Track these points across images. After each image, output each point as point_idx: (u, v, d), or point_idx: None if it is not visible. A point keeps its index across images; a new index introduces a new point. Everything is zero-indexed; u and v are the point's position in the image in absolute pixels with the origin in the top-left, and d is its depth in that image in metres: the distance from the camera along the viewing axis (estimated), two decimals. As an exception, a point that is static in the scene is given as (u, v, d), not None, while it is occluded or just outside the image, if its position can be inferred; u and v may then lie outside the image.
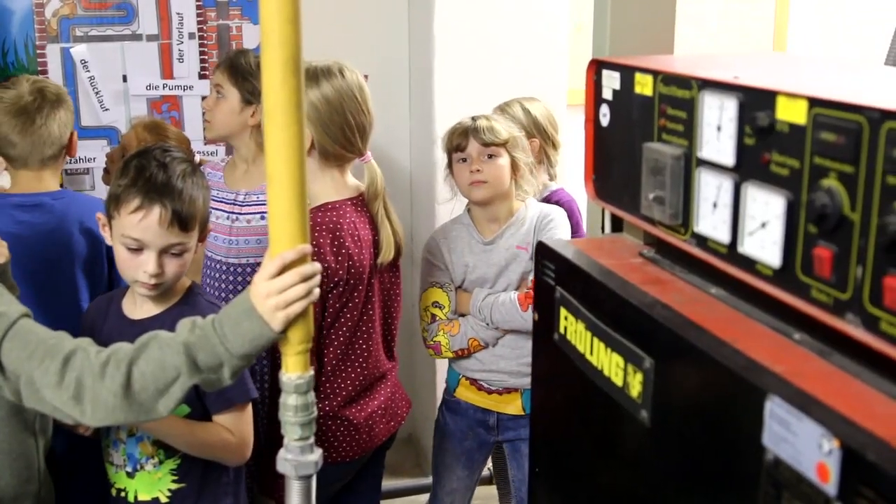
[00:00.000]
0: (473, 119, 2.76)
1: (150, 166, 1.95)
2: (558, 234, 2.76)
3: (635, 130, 1.47)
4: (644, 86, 1.44)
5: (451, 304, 2.77)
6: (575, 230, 2.93)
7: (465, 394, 2.86)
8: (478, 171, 2.70)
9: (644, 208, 1.44)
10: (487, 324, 2.73)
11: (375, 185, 2.30)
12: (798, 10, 5.31)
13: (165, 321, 2.01)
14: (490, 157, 2.71)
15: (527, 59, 3.51)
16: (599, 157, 1.62)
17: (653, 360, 1.31)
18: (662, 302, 1.35)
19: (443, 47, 3.41)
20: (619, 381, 1.39)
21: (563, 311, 1.58)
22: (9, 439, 1.73)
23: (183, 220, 1.99)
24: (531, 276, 2.72)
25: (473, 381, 2.83)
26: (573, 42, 3.82)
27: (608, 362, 1.42)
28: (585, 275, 1.51)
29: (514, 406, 2.82)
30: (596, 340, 1.46)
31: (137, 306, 2.09)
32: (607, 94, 1.56)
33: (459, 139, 2.72)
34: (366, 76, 3.56)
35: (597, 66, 1.60)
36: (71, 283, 2.46)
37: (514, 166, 2.75)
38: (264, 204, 2.64)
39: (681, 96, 1.34)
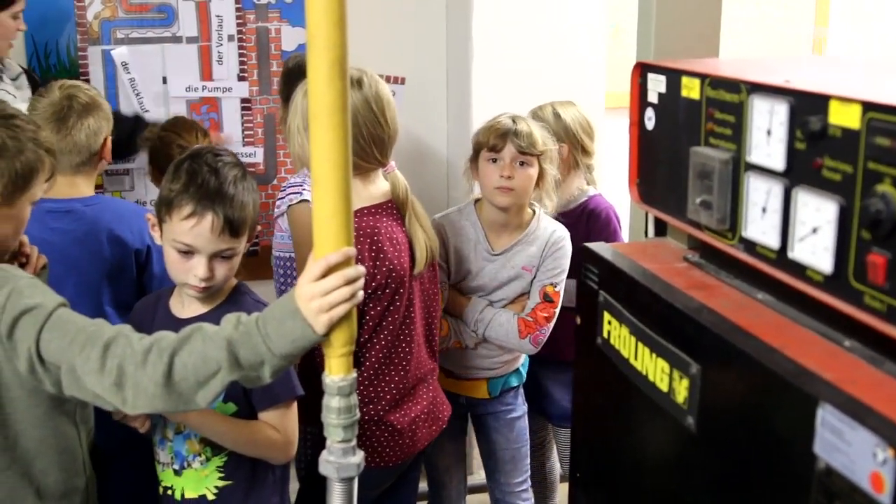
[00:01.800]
0: (514, 121, 2.70)
1: (202, 171, 1.97)
2: (564, 261, 2.74)
3: (681, 134, 1.46)
4: (691, 89, 1.43)
5: (443, 302, 2.72)
6: (612, 238, 2.91)
7: None
8: (509, 177, 2.67)
9: (690, 213, 1.43)
10: (478, 335, 2.73)
11: (398, 195, 2.29)
12: (837, 17, 5.27)
13: (212, 320, 2.02)
14: (522, 164, 2.68)
15: (564, 63, 3.50)
16: (644, 161, 1.61)
17: (699, 366, 1.30)
18: (709, 307, 1.34)
19: (481, 51, 3.41)
20: (664, 387, 1.38)
21: (606, 315, 1.57)
22: (53, 433, 1.74)
23: (234, 227, 2.00)
24: (531, 304, 2.71)
25: (443, 370, 2.78)
26: (610, 45, 3.81)
27: (653, 367, 1.41)
28: (630, 279, 1.51)
29: (480, 391, 2.85)
30: (640, 345, 1.45)
31: (185, 305, 2.10)
32: (652, 97, 1.55)
33: (496, 140, 2.68)
34: (402, 79, 3.58)
35: (642, 70, 1.59)
36: (95, 291, 2.47)
37: (540, 176, 2.73)
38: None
39: (729, 100, 1.33)
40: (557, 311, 2.71)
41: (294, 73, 2.81)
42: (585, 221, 2.94)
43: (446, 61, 3.66)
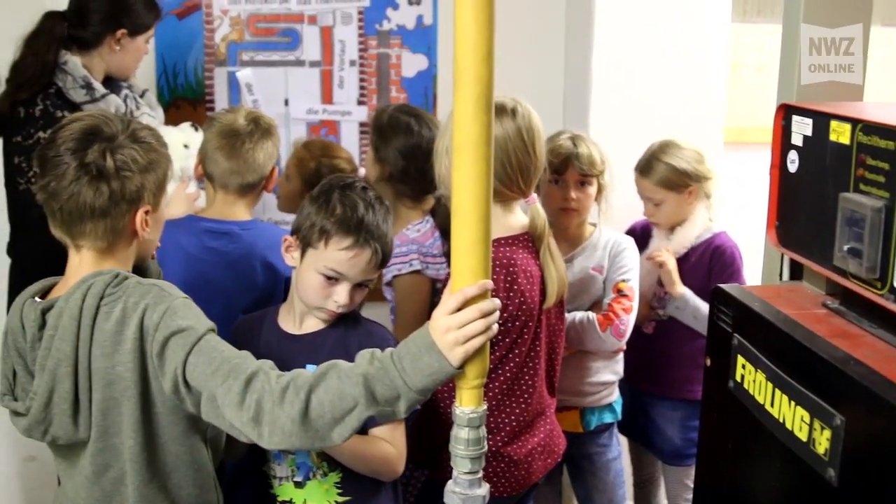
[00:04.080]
0: (574, 143, 2.75)
1: (360, 206, 2.03)
2: (630, 261, 2.74)
3: (828, 179, 1.44)
4: (840, 134, 1.41)
5: None
6: (733, 278, 2.86)
7: None
8: (573, 199, 2.71)
9: (837, 259, 1.40)
10: None
11: (536, 227, 2.29)
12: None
13: (329, 336, 2.08)
14: (582, 184, 2.73)
15: (683, 97, 3.46)
16: (785, 204, 1.59)
17: (844, 418, 1.27)
18: (855, 357, 1.31)
19: (599, 83, 3.39)
20: (803, 436, 1.36)
21: (740, 359, 1.54)
22: (189, 450, 1.78)
23: (384, 260, 2.09)
24: (606, 300, 2.70)
25: None
26: (730, 80, 3.76)
27: (791, 415, 1.39)
28: (767, 323, 1.48)
29: (572, 423, 2.79)
30: (778, 392, 1.42)
31: (298, 323, 2.13)
32: (797, 139, 1.53)
33: (559, 164, 2.72)
34: (518, 109, 3.59)
35: (786, 111, 1.57)
36: (239, 315, 2.48)
37: (598, 191, 2.76)
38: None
39: (884, 146, 1.30)
40: (635, 305, 2.69)
41: (386, 130, 2.77)
42: (709, 258, 2.88)
43: (563, 92, 3.65)
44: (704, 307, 2.80)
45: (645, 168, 2.91)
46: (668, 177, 2.86)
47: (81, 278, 1.68)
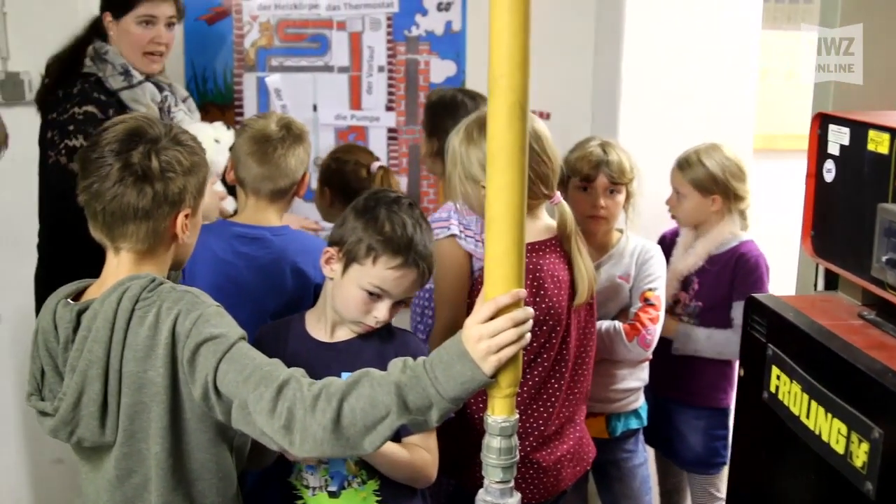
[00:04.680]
0: (604, 150, 2.74)
1: (408, 224, 2.01)
2: (657, 269, 2.73)
3: (866, 189, 1.43)
4: (879, 143, 1.40)
5: None
6: (758, 285, 2.84)
7: None
8: (602, 207, 2.71)
9: (874, 270, 1.39)
10: None
11: (566, 224, 2.29)
12: None
13: (365, 346, 2.07)
14: (612, 192, 2.73)
15: (712, 103, 3.44)
16: (820, 214, 1.58)
17: (882, 431, 1.25)
18: (893, 370, 1.29)
19: (629, 88, 3.38)
20: (839, 449, 1.34)
21: (774, 370, 1.53)
22: (215, 458, 1.77)
23: (428, 279, 2.08)
24: (633, 309, 2.69)
25: None
26: (759, 86, 3.73)
27: (827, 427, 1.37)
28: (803, 334, 1.47)
29: (598, 429, 2.78)
30: (814, 403, 1.41)
31: (329, 331, 2.12)
32: (833, 149, 1.52)
33: (589, 171, 2.72)
34: (548, 114, 3.58)
35: (822, 120, 1.56)
36: (268, 320, 2.48)
37: (626, 198, 2.75)
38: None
39: (924, 157, 1.29)
40: (661, 315, 2.68)
41: (438, 108, 2.82)
42: (733, 266, 2.86)
43: (592, 97, 3.64)
44: (704, 330, 2.85)
45: (683, 160, 2.93)
46: (697, 176, 2.87)
47: (118, 281, 1.68)
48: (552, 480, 2.28)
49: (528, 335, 1.51)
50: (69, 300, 1.74)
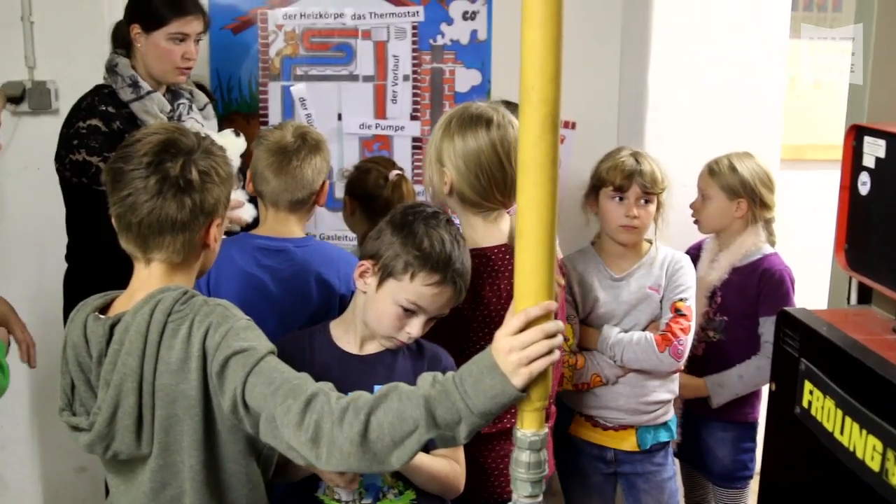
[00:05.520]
0: (637, 160, 2.73)
1: (447, 241, 1.99)
2: (687, 279, 2.74)
3: (902, 202, 1.41)
4: (915, 156, 1.38)
5: (575, 337, 2.75)
6: (783, 300, 2.82)
7: (579, 430, 2.84)
8: (635, 217, 2.71)
9: (911, 284, 1.37)
10: (616, 362, 2.71)
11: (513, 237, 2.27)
12: None
13: (397, 359, 2.06)
14: (645, 202, 2.73)
15: (740, 113, 3.42)
16: (854, 227, 1.56)
17: (919, 448, 1.24)
18: (931, 386, 1.28)
19: (655, 97, 3.37)
20: (875, 466, 1.32)
21: (807, 385, 1.51)
22: (244, 470, 1.77)
23: (463, 296, 2.06)
24: (664, 320, 2.70)
25: (589, 418, 2.81)
26: (788, 97, 3.71)
27: (862, 444, 1.36)
28: (837, 349, 1.45)
29: (629, 442, 2.80)
30: (848, 419, 1.39)
31: (358, 344, 2.11)
32: (869, 161, 1.50)
33: (623, 181, 2.72)
34: (573, 124, 3.57)
35: (857, 132, 1.54)
36: (296, 330, 2.47)
37: (657, 208, 2.76)
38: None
39: (962, 171, 1.27)
40: (693, 325, 2.69)
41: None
42: (758, 280, 2.85)
43: (618, 106, 3.63)
44: (734, 372, 2.86)
45: (713, 164, 2.95)
46: (726, 178, 2.89)
47: (150, 293, 1.68)
48: (500, 483, 2.26)
49: (558, 351, 1.49)
50: (98, 314, 1.74)
